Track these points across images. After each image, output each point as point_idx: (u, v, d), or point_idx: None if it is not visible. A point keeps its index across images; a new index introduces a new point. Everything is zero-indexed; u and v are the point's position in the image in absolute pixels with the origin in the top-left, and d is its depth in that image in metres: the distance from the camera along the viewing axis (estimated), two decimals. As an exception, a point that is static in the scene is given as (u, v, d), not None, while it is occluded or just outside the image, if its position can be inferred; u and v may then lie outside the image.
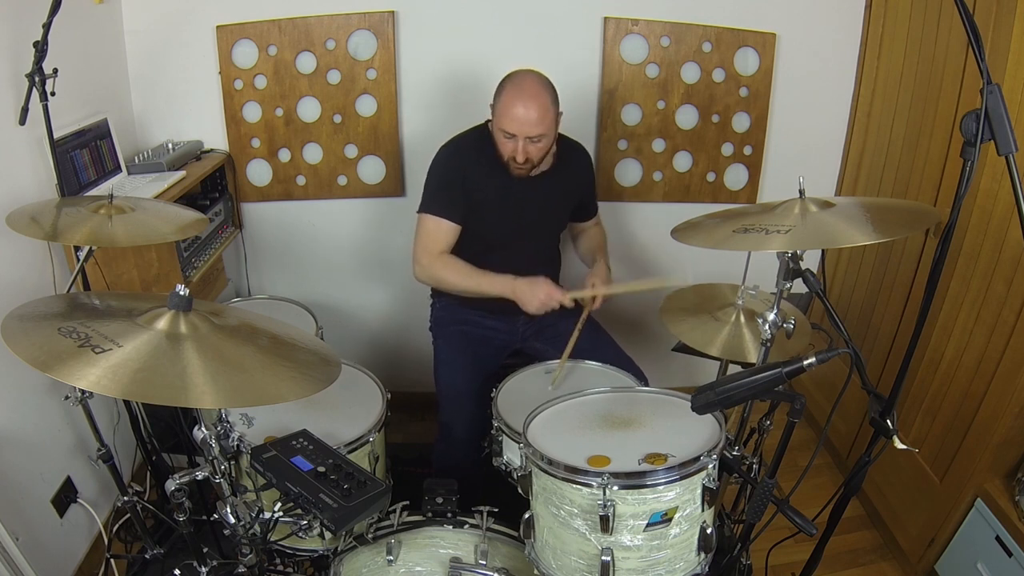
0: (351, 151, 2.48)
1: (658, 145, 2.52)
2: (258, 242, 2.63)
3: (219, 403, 1.01)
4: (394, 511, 1.53)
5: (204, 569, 1.45)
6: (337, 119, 2.42)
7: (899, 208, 1.45)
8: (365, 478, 1.21)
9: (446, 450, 1.97)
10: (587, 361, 1.88)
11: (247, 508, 1.25)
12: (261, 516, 1.26)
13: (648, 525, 1.24)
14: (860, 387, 1.22)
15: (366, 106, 2.42)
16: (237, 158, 2.46)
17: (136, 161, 2.15)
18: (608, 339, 2.11)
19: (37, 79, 1.61)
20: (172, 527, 1.86)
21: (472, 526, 1.50)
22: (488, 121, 1.99)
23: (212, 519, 1.27)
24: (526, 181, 1.96)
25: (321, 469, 1.22)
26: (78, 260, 1.57)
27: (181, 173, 2.14)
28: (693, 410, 1.18)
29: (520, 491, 1.41)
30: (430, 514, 1.51)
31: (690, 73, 2.42)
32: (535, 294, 1.83)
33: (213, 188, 2.40)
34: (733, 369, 1.69)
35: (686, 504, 1.26)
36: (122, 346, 0.98)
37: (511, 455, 1.64)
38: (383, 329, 2.82)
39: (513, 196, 1.96)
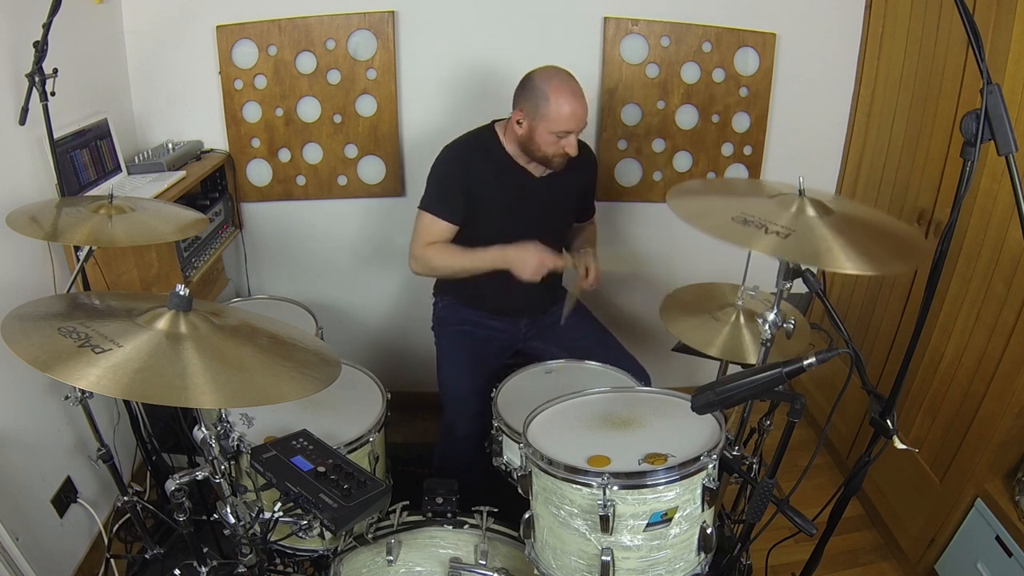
0: (351, 151, 2.48)
1: (658, 145, 2.52)
2: (258, 242, 2.63)
3: (219, 403, 1.01)
4: (394, 511, 1.53)
5: (204, 569, 1.45)
6: (337, 119, 2.42)
7: (895, 233, 1.40)
8: (365, 478, 1.21)
9: (448, 449, 1.97)
10: (588, 361, 1.88)
11: (247, 508, 1.25)
12: (261, 516, 1.26)
13: (648, 525, 1.24)
14: (860, 387, 1.21)
15: (366, 106, 2.42)
16: (237, 158, 2.46)
17: (136, 161, 2.15)
18: (611, 338, 2.11)
19: (37, 79, 1.60)
20: (172, 527, 1.86)
21: (472, 526, 1.51)
22: (494, 122, 1.98)
23: (212, 519, 1.27)
24: (534, 181, 1.96)
25: (321, 469, 1.22)
26: (78, 260, 1.57)
27: (181, 173, 2.14)
28: (693, 410, 1.18)
29: (520, 491, 1.41)
30: (430, 514, 1.51)
31: (690, 73, 2.42)
32: (527, 261, 1.83)
33: (213, 188, 2.40)
34: (733, 369, 1.69)
35: (686, 504, 1.26)
36: (122, 346, 0.98)
37: (511, 455, 1.64)
38: (383, 329, 2.82)
39: (520, 197, 1.96)
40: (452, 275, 2.00)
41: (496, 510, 1.54)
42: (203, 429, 1.16)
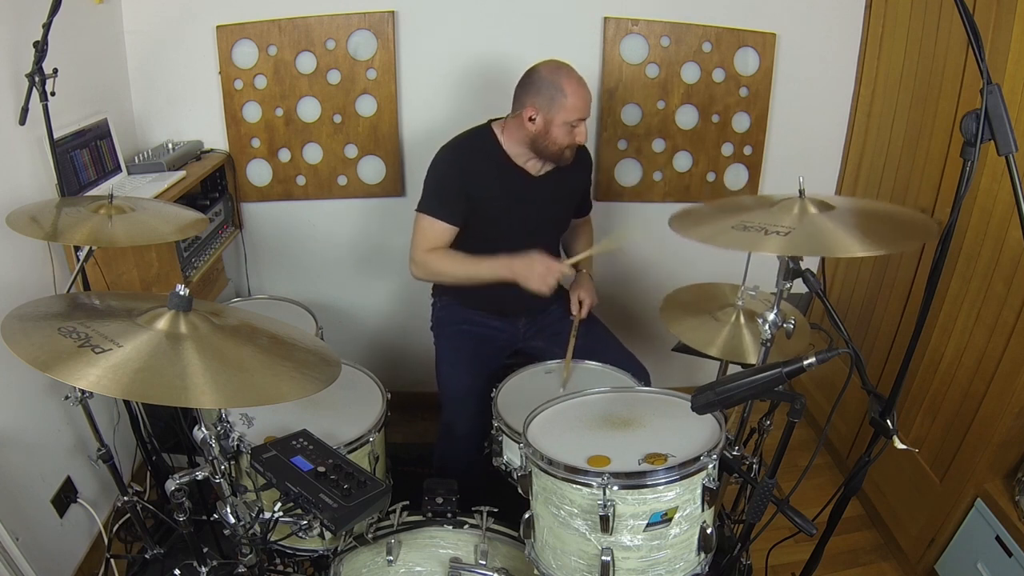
0: (351, 151, 2.48)
1: (658, 145, 2.52)
2: (258, 242, 2.63)
3: (219, 403, 1.01)
4: (394, 511, 1.53)
5: (204, 569, 1.45)
6: (337, 119, 2.42)
7: (898, 217, 1.43)
8: (365, 478, 1.21)
9: (447, 449, 1.97)
10: (588, 361, 1.88)
11: (247, 508, 1.25)
12: (261, 516, 1.26)
13: (648, 525, 1.24)
14: (860, 387, 1.22)
15: (366, 106, 2.42)
16: (237, 158, 2.46)
17: (136, 161, 2.15)
18: (611, 338, 2.11)
19: (37, 79, 1.61)
20: (172, 527, 1.86)
21: (472, 526, 1.51)
22: (491, 121, 1.98)
23: (212, 519, 1.27)
24: (532, 180, 1.96)
25: (321, 469, 1.22)
26: (78, 260, 1.57)
27: (181, 173, 2.14)
28: (693, 410, 1.18)
29: (520, 491, 1.41)
30: (430, 514, 1.51)
31: (690, 73, 2.42)
32: (533, 269, 1.83)
33: (213, 188, 2.40)
34: (733, 369, 1.69)
35: (686, 504, 1.26)
36: (122, 346, 0.98)
37: (511, 455, 1.64)
38: (383, 329, 2.82)
39: (518, 195, 1.96)
40: (454, 283, 2.00)
41: (496, 510, 1.54)
42: (203, 429, 1.16)
